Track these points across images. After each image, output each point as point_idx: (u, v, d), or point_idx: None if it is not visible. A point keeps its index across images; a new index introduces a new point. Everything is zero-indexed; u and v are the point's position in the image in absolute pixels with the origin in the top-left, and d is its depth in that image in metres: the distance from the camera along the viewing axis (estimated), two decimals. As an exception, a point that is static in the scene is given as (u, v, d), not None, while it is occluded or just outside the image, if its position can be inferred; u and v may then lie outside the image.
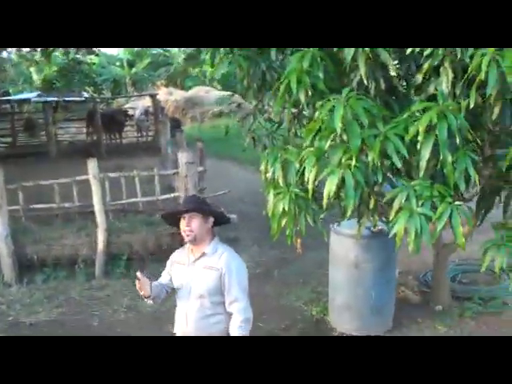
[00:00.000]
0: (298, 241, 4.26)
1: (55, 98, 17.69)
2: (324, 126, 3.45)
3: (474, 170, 3.37)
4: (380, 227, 4.92)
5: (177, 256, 3.44)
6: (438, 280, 5.74)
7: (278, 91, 3.96)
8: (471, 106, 3.40)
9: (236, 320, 3.19)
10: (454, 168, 3.31)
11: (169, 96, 24.37)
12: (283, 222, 4.07)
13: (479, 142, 3.55)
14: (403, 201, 3.32)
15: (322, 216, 4.08)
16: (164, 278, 3.47)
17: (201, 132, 18.75)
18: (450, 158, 3.28)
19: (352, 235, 5.00)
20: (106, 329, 5.60)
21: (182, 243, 7.27)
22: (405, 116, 3.39)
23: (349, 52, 3.66)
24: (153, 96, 18.40)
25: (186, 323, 3.28)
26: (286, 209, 3.89)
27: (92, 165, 6.85)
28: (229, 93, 28.06)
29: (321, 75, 3.77)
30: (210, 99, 25.49)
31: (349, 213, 3.36)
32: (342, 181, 3.30)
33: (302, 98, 3.74)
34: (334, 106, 3.28)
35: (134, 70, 31.25)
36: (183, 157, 7.10)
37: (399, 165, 3.27)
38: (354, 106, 3.29)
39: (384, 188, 3.84)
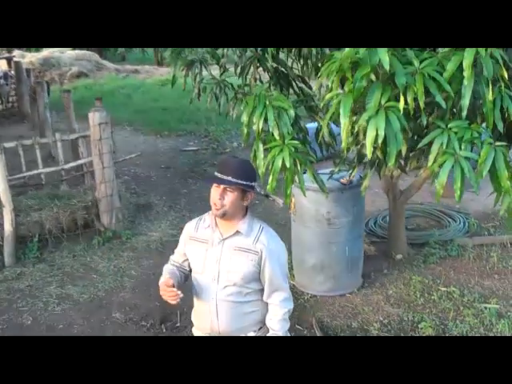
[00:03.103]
0: (293, 200, 3.77)
1: None
2: (346, 63, 2.95)
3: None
4: (346, 177, 4.53)
5: (194, 230, 2.73)
6: (396, 228, 5.56)
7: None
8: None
9: (277, 312, 2.68)
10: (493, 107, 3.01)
11: (22, 59, 21.99)
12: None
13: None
14: (444, 145, 2.96)
15: (336, 170, 3.60)
16: (178, 258, 2.83)
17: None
18: (490, 96, 2.96)
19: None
20: (45, 326, 4.73)
21: (98, 216, 6.60)
22: (444, 50, 2.99)
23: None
24: (9, 59, 16.35)
25: (216, 313, 2.68)
26: (288, 164, 3.36)
27: (-11, 134, 5.71)
28: (86, 51, 26.22)
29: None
30: (67, 60, 23.51)
31: (393, 161, 2.91)
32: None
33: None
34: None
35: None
36: (95, 117, 6.17)
37: (444, 105, 2.89)
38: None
39: None
